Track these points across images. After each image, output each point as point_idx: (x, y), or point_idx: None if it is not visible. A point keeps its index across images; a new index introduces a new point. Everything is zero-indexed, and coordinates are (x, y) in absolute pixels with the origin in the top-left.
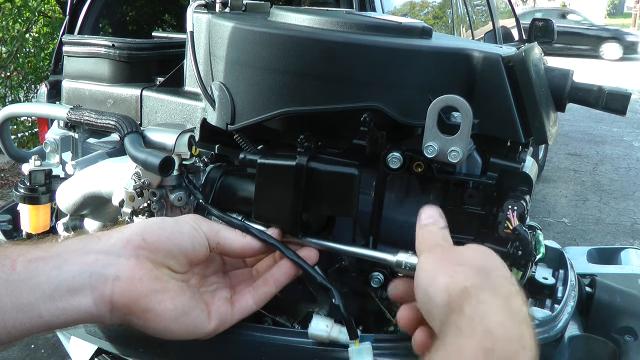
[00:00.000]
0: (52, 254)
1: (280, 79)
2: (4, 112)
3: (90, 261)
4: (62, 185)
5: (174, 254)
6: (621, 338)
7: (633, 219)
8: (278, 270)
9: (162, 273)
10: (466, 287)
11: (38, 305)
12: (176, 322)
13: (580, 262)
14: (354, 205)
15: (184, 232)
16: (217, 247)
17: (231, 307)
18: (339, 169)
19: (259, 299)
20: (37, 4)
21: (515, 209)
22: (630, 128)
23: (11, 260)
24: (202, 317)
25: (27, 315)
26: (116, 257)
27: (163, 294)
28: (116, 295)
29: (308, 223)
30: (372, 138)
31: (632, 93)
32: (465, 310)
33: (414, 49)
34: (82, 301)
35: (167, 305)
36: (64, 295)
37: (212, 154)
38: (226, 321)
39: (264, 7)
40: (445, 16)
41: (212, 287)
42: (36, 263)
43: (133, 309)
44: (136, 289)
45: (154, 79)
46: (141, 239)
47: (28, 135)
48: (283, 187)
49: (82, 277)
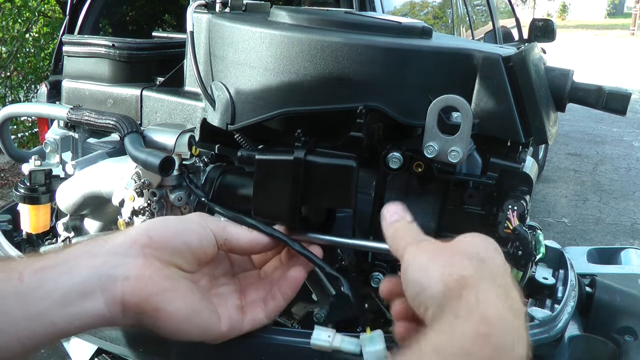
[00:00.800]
0: (58, 261)
1: (280, 79)
2: (4, 112)
3: (98, 264)
4: (62, 185)
5: (181, 251)
6: (621, 338)
7: (633, 219)
8: (285, 282)
9: (171, 272)
10: (463, 276)
11: (50, 313)
12: (188, 322)
13: (580, 262)
14: (352, 196)
15: (190, 228)
16: (225, 243)
17: (242, 315)
18: (336, 161)
19: (270, 313)
20: (37, 4)
21: (515, 209)
22: (630, 128)
23: (18, 273)
24: (213, 319)
25: (40, 324)
26: (124, 258)
27: (174, 293)
28: (127, 295)
29: (308, 218)
30: (368, 130)
31: (632, 93)
32: (463, 295)
33: (414, 49)
34: (94, 304)
35: (179, 305)
36: (75, 300)
37: (212, 154)
38: (237, 328)
39: (264, 7)
40: (445, 16)
41: (222, 290)
42: (43, 272)
43: (145, 308)
44: (146, 288)
45: (154, 79)
46: (147, 237)
47: (28, 135)
48: (281, 181)
49: (92, 280)
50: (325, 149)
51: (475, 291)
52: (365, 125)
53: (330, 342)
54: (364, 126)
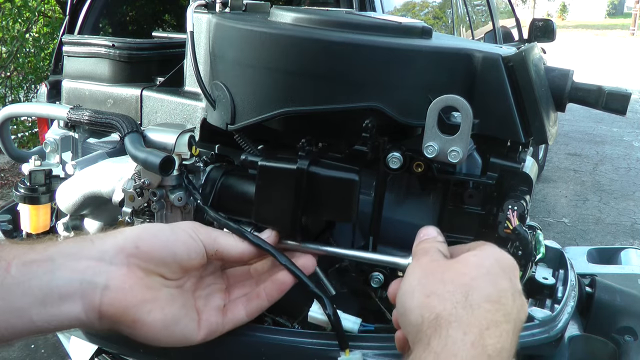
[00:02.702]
0: (46, 256)
1: (280, 79)
2: (4, 112)
3: (82, 268)
4: (62, 185)
5: (167, 263)
6: (621, 338)
7: (633, 219)
8: (272, 285)
9: (154, 281)
10: (438, 315)
11: (30, 311)
12: (165, 331)
13: (580, 262)
14: (353, 210)
15: (179, 240)
16: (215, 254)
17: (222, 316)
18: (339, 174)
19: (251, 312)
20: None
21: (515, 209)
22: (630, 128)
23: (6, 263)
24: (191, 327)
25: (20, 319)
26: (107, 265)
27: (153, 304)
28: (105, 305)
29: (307, 227)
30: (373, 144)
31: (632, 93)
32: (432, 344)
33: (414, 49)
34: (72, 308)
35: (156, 315)
36: (55, 301)
37: (212, 154)
38: (216, 331)
39: (264, 7)
40: (445, 16)
41: (207, 291)
42: (30, 266)
43: (121, 319)
44: (125, 299)
45: (154, 79)
46: (134, 246)
47: (28, 135)
48: (283, 190)
49: (73, 284)
50: (329, 160)
51: (445, 337)
52: (370, 139)
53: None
54: (369, 140)
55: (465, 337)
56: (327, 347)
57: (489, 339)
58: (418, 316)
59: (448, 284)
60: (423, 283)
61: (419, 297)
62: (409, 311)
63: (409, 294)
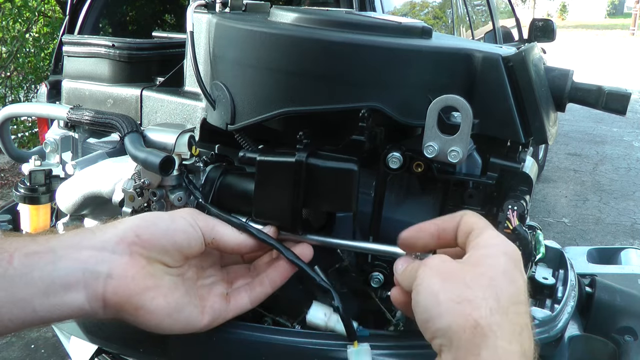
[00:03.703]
0: (47, 248)
1: (280, 79)
2: (4, 112)
3: (84, 258)
4: (62, 185)
5: (168, 250)
6: (621, 338)
7: (633, 219)
8: (274, 271)
9: (156, 269)
10: (478, 322)
11: (33, 301)
12: (169, 318)
13: (580, 262)
14: (353, 200)
15: (178, 228)
16: (212, 242)
17: (226, 303)
18: (338, 165)
19: (255, 298)
20: (37, 4)
21: (515, 209)
22: (630, 128)
23: (9, 255)
24: (195, 313)
25: (23, 310)
26: (110, 254)
27: (156, 291)
28: (108, 293)
29: (308, 220)
30: (370, 134)
31: (632, 93)
32: (483, 355)
33: (414, 49)
34: (75, 298)
35: (160, 302)
36: (58, 291)
37: (212, 154)
38: (220, 317)
39: (264, 7)
40: (445, 16)
41: (209, 281)
42: (32, 257)
43: (125, 307)
44: (128, 287)
45: (154, 79)
46: (135, 235)
47: (28, 135)
48: (283, 184)
49: (76, 273)
50: (327, 152)
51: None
52: (367, 129)
53: (326, 320)
54: (367, 130)
55: (511, 346)
56: (327, 347)
57: (525, 344)
58: (450, 323)
59: (475, 289)
60: (447, 288)
61: (447, 303)
62: (437, 318)
63: (433, 298)
